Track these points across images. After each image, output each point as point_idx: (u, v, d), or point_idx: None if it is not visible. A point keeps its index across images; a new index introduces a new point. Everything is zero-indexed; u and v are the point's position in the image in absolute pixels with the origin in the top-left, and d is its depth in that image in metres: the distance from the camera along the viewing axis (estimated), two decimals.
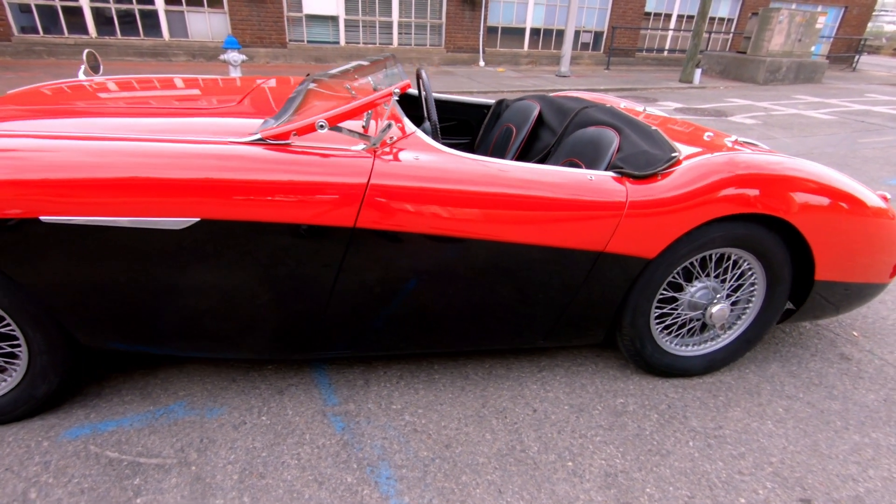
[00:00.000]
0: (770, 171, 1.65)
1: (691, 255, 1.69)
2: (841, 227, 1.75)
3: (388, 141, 1.52)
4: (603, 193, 1.56)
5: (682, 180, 1.60)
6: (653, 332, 1.84)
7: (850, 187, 1.79)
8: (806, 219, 1.69)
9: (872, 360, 2.14)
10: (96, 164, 1.28)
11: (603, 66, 13.99)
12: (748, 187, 1.61)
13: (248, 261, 1.42)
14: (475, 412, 1.75)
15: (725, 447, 1.64)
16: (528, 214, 1.51)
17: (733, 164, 1.63)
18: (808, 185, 1.69)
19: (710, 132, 2.12)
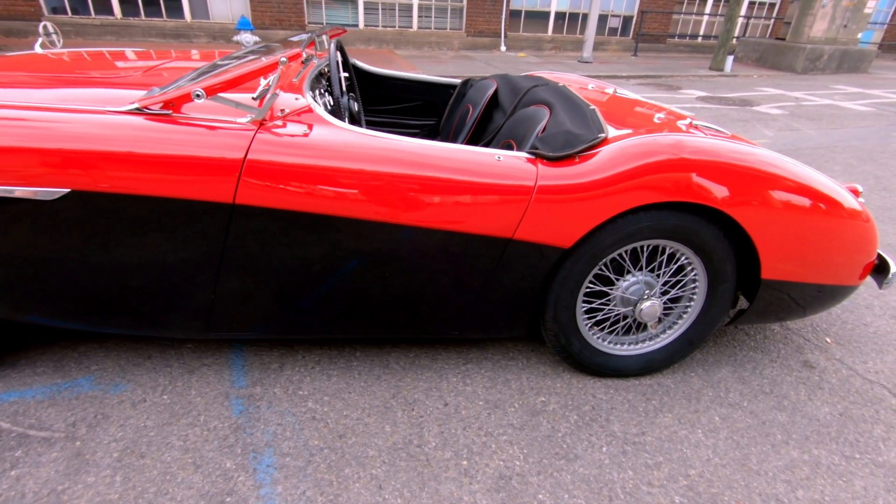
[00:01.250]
0: (706, 156, 1.48)
1: (618, 247, 1.55)
2: (793, 223, 1.57)
3: (280, 114, 1.43)
4: (509, 176, 1.43)
5: (602, 164, 1.46)
6: (580, 328, 1.72)
7: (810, 181, 1.60)
8: (748, 211, 1.52)
9: (839, 369, 1.95)
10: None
11: (630, 53, 13.45)
12: (676, 173, 1.46)
13: (127, 235, 1.37)
14: (383, 403, 1.67)
15: (642, 455, 1.52)
16: (425, 196, 1.40)
17: (661, 147, 1.48)
18: (753, 175, 1.52)
19: (664, 113, 1.94)
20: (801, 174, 1.60)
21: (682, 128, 1.84)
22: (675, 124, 1.82)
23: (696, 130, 1.84)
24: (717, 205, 1.49)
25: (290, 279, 1.48)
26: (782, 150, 5.07)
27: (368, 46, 11.91)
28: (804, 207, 1.57)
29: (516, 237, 1.47)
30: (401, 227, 1.42)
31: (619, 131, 1.62)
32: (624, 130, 1.64)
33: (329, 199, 1.37)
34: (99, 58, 2.05)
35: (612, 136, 1.56)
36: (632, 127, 1.73)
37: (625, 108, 2.08)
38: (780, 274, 1.64)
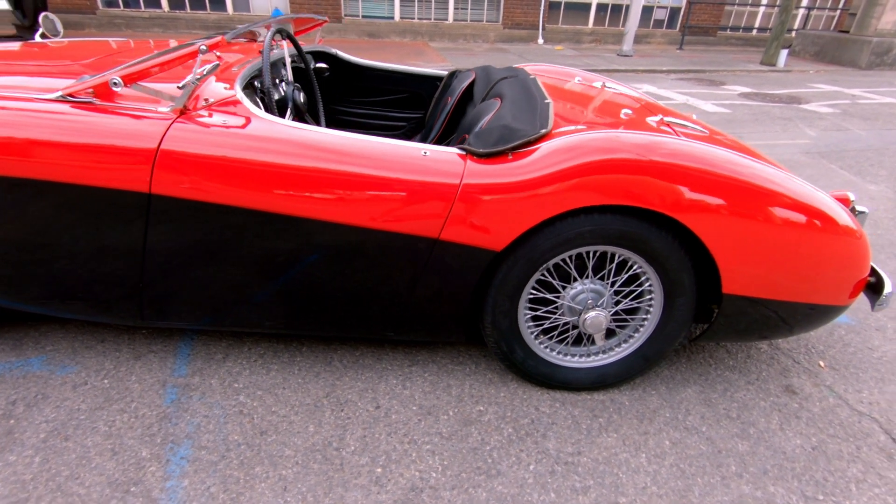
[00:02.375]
0: (653, 157, 1.34)
1: (558, 252, 1.44)
2: (760, 235, 1.40)
3: (205, 104, 1.41)
4: (433, 173, 1.35)
5: (537, 162, 1.35)
6: (524, 337, 1.61)
7: (783, 189, 1.42)
8: (703, 219, 1.37)
9: (826, 398, 1.76)
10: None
11: (676, 46, 12.82)
12: (615, 174, 1.33)
13: (56, 222, 1.39)
14: (314, 401, 1.63)
15: (571, 477, 1.41)
16: (343, 192, 1.34)
17: (600, 146, 1.35)
18: (710, 179, 1.36)
19: (631, 109, 1.79)
20: (775, 181, 1.43)
21: (651, 125, 1.69)
22: (642, 121, 1.67)
23: (667, 128, 1.69)
24: (664, 210, 1.35)
25: (212, 271, 1.47)
26: (822, 152, 4.68)
27: (403, 39, 11.91)
28: (774, 217, 1.40)
29: (443, 238, 1.39)
30: (319, 223, 1.37)
31: (570, 128, 1.50)
32: (577, 127, 1.52)
33: (243, 193, 1.33)
34: (80, 47, 2.10)
35: (561, 132, 1.44)
36: (591, 123, 1.60)
37: (599, 102, 1.94)
38: (747, 289, 1.48)
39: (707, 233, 1.38)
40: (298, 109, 1.73)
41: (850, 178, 4.05)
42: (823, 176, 4.04)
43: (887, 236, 3.01)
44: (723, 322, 1.55)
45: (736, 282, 1.46)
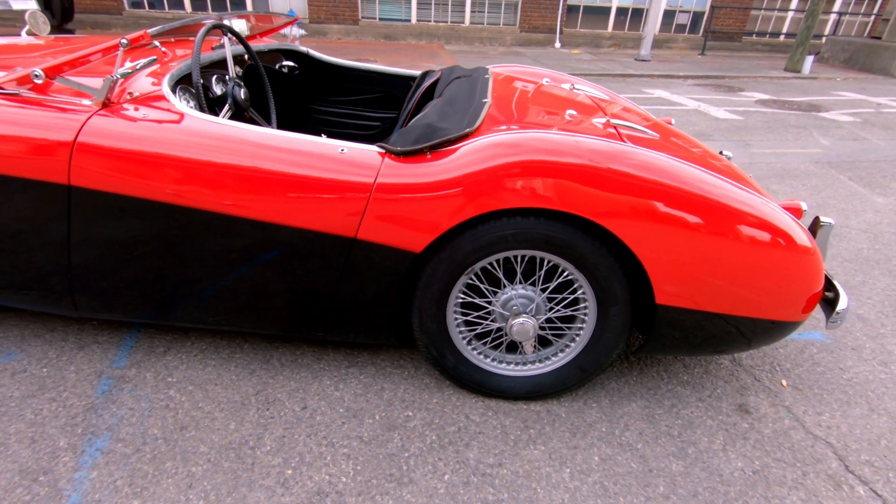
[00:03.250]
0: (574, 160, 1.28)
1: (483, 255, 1.39)
2: (695, 244, 1.33)
3: (129, 97, 1.41)
4: (349, 171, 1.32)
5: (455, 163, 1.31)
6: (455, 342, 1.57)
7: (723, 198, 1.33)
8: (631, 226, 1.30)
9: (781, 419, 1.65)
10: None
11: (698, 51, 12.52)
12: (533, 177, 1.27)
13: None
14: (242, 399, 1.62)
15: (485, 490, 1.35)
16: (259, 188, 1.32)
17: (523, 147, 1.29)
18: (639, 185, 1.29)
19: (578, 111, 1.72)
20: (712, 189, 1.34)
21: (597, 127, 1.63)
22: (586, 123, 1.61)
23: (612, 130, 1.62)
24: (585, 214, 1.29)
25: (135, 265, 1.47)
26: (833, 162, 4.48)
27: (419, 41, 11.95)
28: (709, 227, 1.32)
29: (360, 237, 1.36)
30: (236, 220, 1.36)
31: (502, 128, 1.45)
32: (508, 127, 1.47)
33: (157, 187, 1.33)
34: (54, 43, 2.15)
35: (489, 132, 1.39)
36: (528, 124, 1.55)
37: (550, 103, 1.87)
38: (683, 300, 1.40)
39: (634, 239, 1.31)
40: (239, 106, 1.73)
41: (858, 189, 3.86)
42: (829, 186, 3.87)
43: (885, 251, 2.85)
44: (660, 334, 1.48)
45: (670, 292, 1.39)
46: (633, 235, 1.31)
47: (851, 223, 3.22)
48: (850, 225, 3.19)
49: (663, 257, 1.34)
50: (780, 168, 4.27)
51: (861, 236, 3.03)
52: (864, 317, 2.23)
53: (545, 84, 2.23)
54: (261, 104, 2.17)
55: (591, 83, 2.53)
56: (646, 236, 1.31)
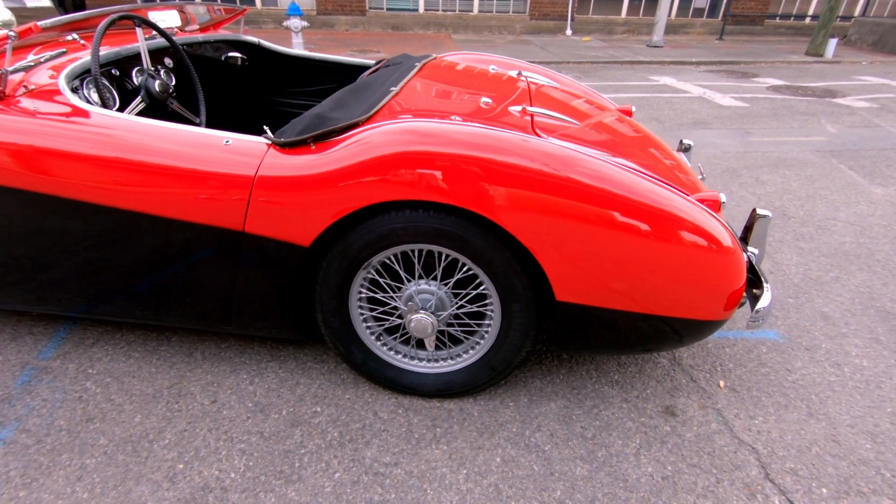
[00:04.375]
0: (459, 149, 1.22)
1: (377, 249, 1.35)
2: (594, 239, 1.25)
3: (24, 90, 1.41)
4: (231, 163, 1.29)
5: (339, 154, 1.26)
6: (361, 338, 1.53)
7: (625, 191, 1.25)
8: (522, 218, 1.24)
9: (707, 423, 1.57)
10: None
11: (716, 36, 12.07)
12: (419, 168, 1.22)
13: None
14: (155, 392, 1.62)
15: (373, 489, 1.32)
16: (145, 181, 1.31)
17: (403, 137, 1.24)
18: (531, 176, 1.22)
19: (493, 99, 1.65)
20: (614, 183, 1.26)
21: (514, 115, 1.56)
22: (500, 112, 1.54)
23: (528, 118, 1.55)
24: (472, 207, 1.23)
25: (38, 256, 1.47)
26: (836, 150, 4.25)
27: (427, 31, 11.84)
28: (611, 222, 1.25)
29: (248, 231, 1.33)
30: (126, 213, 1.35)
31: (398, 119, 1.40)
32: (402, 118, 1.41)
33: (51, 181, 1.33)
34: None
35: (379, 123, 1.34)
36: (434, 114, 1.49)
37: (474, 92, 1.79)
38: (586, 298, 1.33)
39: (525, 233, 1.25)
40: (154, 98, 1.72)
41: (857, 178, 3.65)
42: (824, 176, 3.67)
43: (869, 245, 2.68)
44: (564, 331, 1.41)
45: (571, 289, 1.32)
46: (523, 229, 1.25)
47: (840, 215, 3.04)
48: (838, 217, 3.01)
49: (560, 252, 1.27)
50: (775, 157, 4.08)
51: (847, 229, 2.87)
52: (828, 315, 2.10)
53: (486, 72, 2.15)
54: (186, 96, 2.14)
55: (545, 70, 2.43)
56: (537, 230, 1.25)
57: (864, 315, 2.11)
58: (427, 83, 1.79)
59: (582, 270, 1.29)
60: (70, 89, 1.49)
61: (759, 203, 3.19)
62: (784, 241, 2.71)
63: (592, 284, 1.31)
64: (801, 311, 2.12)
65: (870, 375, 1.78)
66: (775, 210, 3.10)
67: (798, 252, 2.60)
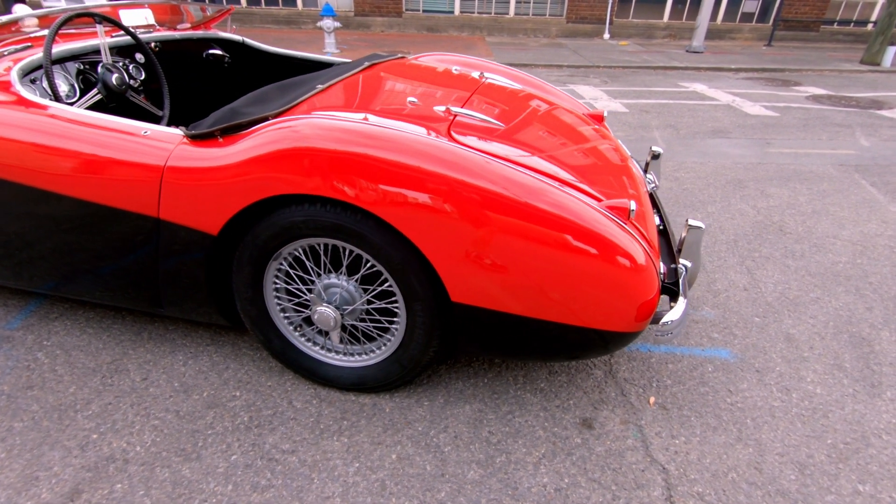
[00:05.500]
0: (348, 146, 1.23)
1: (283, 241, 1.38)
2: (492, 244, 1.24)
3: None
4: (146, 152, 1.36)
5: (241, 147, 1.31)
6: (279, 327, 1.58)
7: (525, 197, 1.23)
8: (412, 218, 1.24)
9: (623, 439, 1.52)
10: None
11: (764, 42, 11.49)
12: (310, 163, 1.24)
13: None
14: (96, 366, 1.72)
15: (263, 475, 1.36)
16: (73, 168, 1.40)
17: (297, 133, 1.26)
18: (421, 177, 1.22)
19: (417, 97, 1.65)
20: (509, 187, 1.24)
21: (438, 114, 1.56)
22: (423, 109, 1.55)
23: (451, 118, 1.55)
24: (361, 204, 1.24)
25: None
26: (862, 165, 3.98)
27: (462, 33, 11.89)
28: (506, 226, 1.23)
29: (162, 217, 1.40)
30: (58, 197, 1.45)
31: (305, 115, 1.43)
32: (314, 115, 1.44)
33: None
34: None
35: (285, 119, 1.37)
36: (352, 109, 1.51)
37: (409, 91, 1.80)
38: (480, 300, 1.32)
39: (416, 233, 1.25)
40: (112, 91, 1.83)
41: (875, 195, 3.40)
42: (839, 192, 3.44)
43: (865, 267, 2.50)
44: (464, 333, 1.40)
45: (466, 291, 1.31)
46: (413, 227, 1.25)
47: (843, 233, 2.85)
48: (840, 235, 2.82)
49: (452, 252, 1.27)
50: (791, 170, 3.85)
51: (846, 248, 2.68)
52: (793, 337, 1.98)
53: (443, 72, 2.15)
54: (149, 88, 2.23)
55: (516, 72, 2.41)
56: (427, 229, 1.25)
57: (833, 340, 1.97)
58: (367, 82, 1.81)
59: (476, 272, 1.28)
60: (30, 81, 1.61)
61: (758, 217, 3.03)
62: (770, 258, 2.56)
63: (488, 287, 1.30)
64: (764, 331, 2.01)
65: (819, 404, 1.67)
66: (772, 225, 2.94)
67: (782, 270, 2.46)
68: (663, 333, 1.34)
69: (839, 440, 1.53)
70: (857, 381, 1.77)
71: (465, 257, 1.27)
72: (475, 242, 1.25)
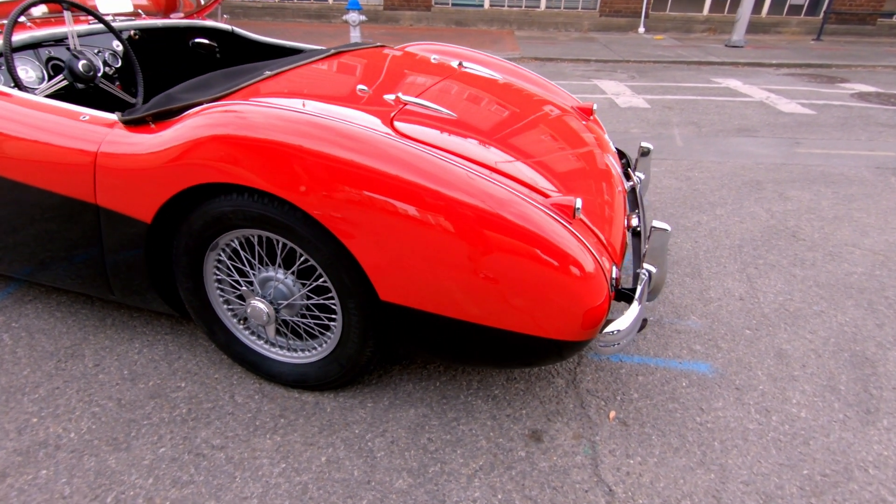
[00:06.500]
0: (274, 136, 1.17)
1: (216, 231, 1.34)
2: (409, 236, 1.16)
3: None
4: (82, 137, 1.34)
5: (169, 134, 1.27)
6: (222, 319, 1.54)
7: (462, 194, 1.14)
8: (334, 210, 1.17)
9: (572, 455, 1.41)
10: None
11: (813, 36, 10.81)
12: (230, 151, 1.19)
13: None
14: (55, 350, 1.74)
15: (187, 469, 1.32)
16: (16, 152, 1.40)
17: (219, 120, 1.21)
18: (342, 167, 1.15)
19: (370, 85, 1.57)
20: (435, 178, 1.15)
21: (388, 103, 1.49)
22: (372, 97, 1.48)
23: (399, 107, 1.47)
24: (284, 195, 1.18)
25: None
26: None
27: (490, 27, 11.71)
28: (428, 219, 1.15)
29: (100, 203, 1.38)
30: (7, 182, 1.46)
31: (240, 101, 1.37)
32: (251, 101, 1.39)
33: None
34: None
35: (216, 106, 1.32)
36: (324, 101, 1.45)
37: (366, 79, 1.72)
38: (411, 300, 1.24)
39: (339, 226, 1.18)
40: (78, 77, 1.83)
41: None
42: (869, 196, 3.16)
43: (883, 279, 2.27)
44: (397, 333, 1.33)
45: (395, 290, 1.24)
46: (336, 221, 1.18)
47: (864, 242, 2.60)
48: (861, 244, 2.58)
49: (378, 249, 1.19)
50: (818, 171, 3.57)
51: (865, 258, 2.45)
52: (786, 353, 1.81)
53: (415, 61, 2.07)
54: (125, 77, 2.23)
55: (500, 61, 2.30)
56: (352, 223, 1.18)
57: (831, 358, 1.79)
58: (325, 70, 1.76)
59: (404, 271, 1.21)
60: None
61: (770, 221, 2.82)
62: (776, 266, 2.37)
63: (416, 287, 1.22)
64: (753, 346, 1.84)
65: (801, 429, 1.51)
66: (785, 230, 2.72)
67: (787, 279, 2.26)
68: (607, 344, 1.23)
69: (817, 471, 1.38)
70: (850, 405, 1.59)
71: (391, 255, 1.19)
72: (401, 239, 1.17)
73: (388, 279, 1.23)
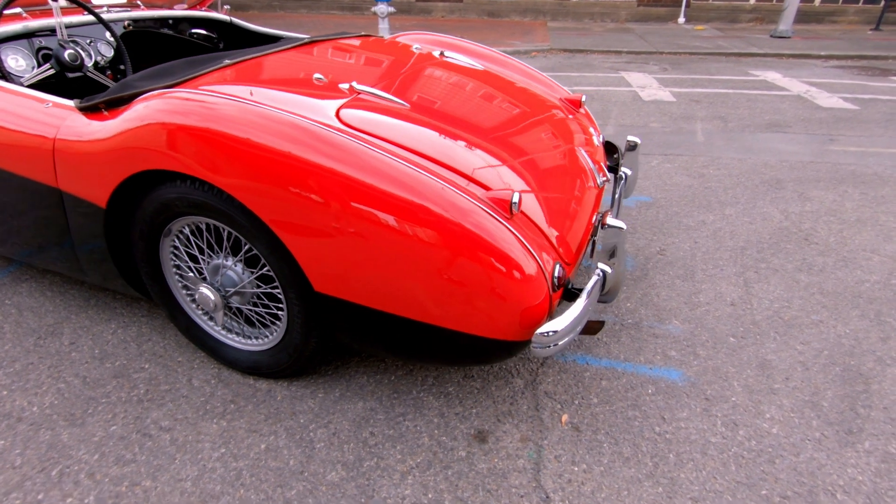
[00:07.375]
0: (200, 122, 1.17)
1: (167, 217, 1.37)
2: (338, 229, 1.14)
3: None
4: (43, 123, 1.39)
5: (118, 121, 1.30)
6: (181, 304, 1.58)
7: (385, 184, 1.12)
8: (265, 198, 1.16)
9: (514, 458, 1.36)
10: None
11: (871, 26, 10.04)
12: (168, 139, 1.20)
13: None
14: (38, 328, 1.83)
15: (132, 448, 1.36)
16: None
17: (161, 109, 1.23)
18: (270, 154, 1.14)
19: (323, 74, 1.54)
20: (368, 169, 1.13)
21: (341, 91, 1.47)
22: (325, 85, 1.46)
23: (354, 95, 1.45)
24: (218, 184, 1.19)
25: None
26: None
27: (524, 18, 11.50)
28: (354, 210, 1.12)
29: (61, 188, 1.43)
30: None
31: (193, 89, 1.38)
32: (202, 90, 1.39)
33: None
34: None
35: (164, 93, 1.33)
36: (275, 89, 1.45)
37: (331, 67, 1.70)
38: (344, 292, 1.22)
39: (269, 214, 1.18)
40: (65, 66, 1.90)
41: None
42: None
43: (874, 293, 2.09)
44: (334, 325, 1.31)
45: (328, 282, 1.22)
46: (267, 209, 1.18)
47: (886, 248, 2.40)
48: (881, 250, 2.38)
49: (309, 239, 1.18)
50: (848, 171, 3.32)
51: (882, 266, 2.26)
52: (769, 364, 1.69)
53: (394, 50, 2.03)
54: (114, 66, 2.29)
55: (487, 51, 2.23)
56: (281, 212, 1.17)
57: (820, 372, 1.66)
58: (289, 58, 1.75)
59: (337, 263, 1.19)
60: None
61: (783, 223, 2.64)
62: (779, 271, 2.21)
63: (348, 280, 1.20)
64: (734, 355, 1.73)
65: (769, 446, 1.40)
66: (798, 233, 2.54)
67: (788, 285, 2.11)
68: (542, 345, 1.17)
69: (776, 492, 1.28)
70: (830, 424, 1.47)
71: (322, 246, 1.18)
72: (331, 231, 1.16)
73: (321, 270, 1.22)
